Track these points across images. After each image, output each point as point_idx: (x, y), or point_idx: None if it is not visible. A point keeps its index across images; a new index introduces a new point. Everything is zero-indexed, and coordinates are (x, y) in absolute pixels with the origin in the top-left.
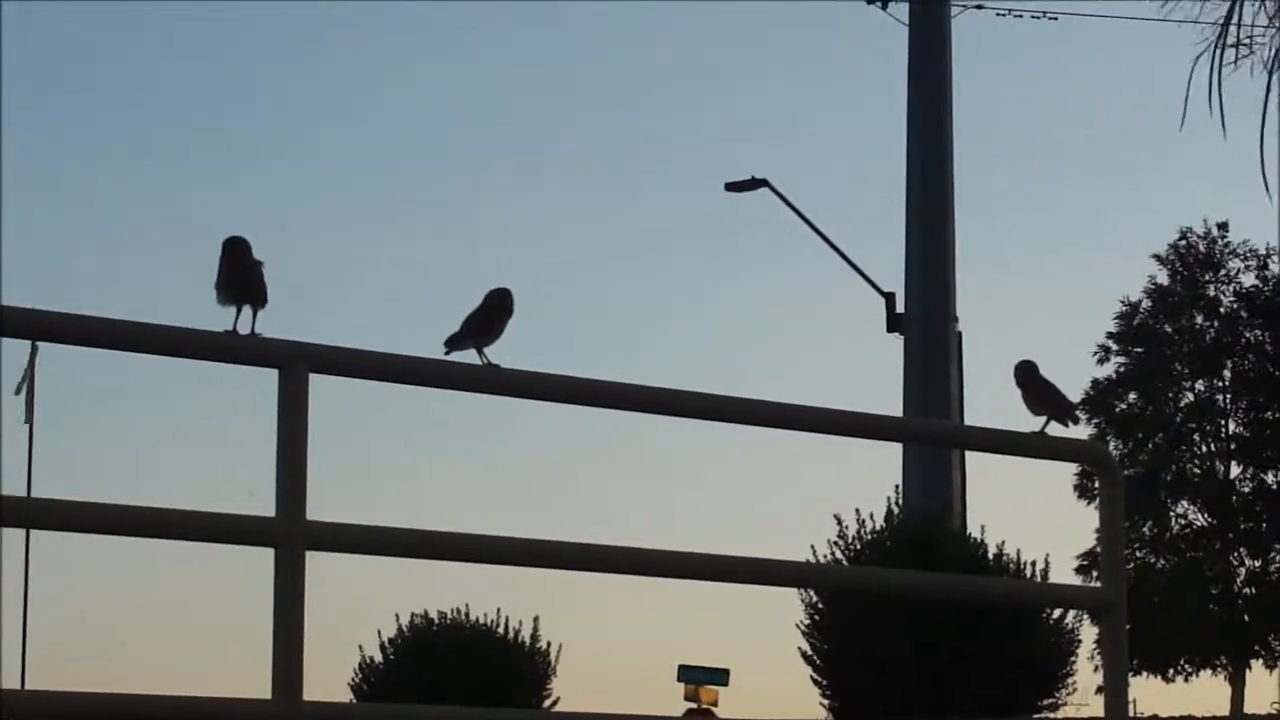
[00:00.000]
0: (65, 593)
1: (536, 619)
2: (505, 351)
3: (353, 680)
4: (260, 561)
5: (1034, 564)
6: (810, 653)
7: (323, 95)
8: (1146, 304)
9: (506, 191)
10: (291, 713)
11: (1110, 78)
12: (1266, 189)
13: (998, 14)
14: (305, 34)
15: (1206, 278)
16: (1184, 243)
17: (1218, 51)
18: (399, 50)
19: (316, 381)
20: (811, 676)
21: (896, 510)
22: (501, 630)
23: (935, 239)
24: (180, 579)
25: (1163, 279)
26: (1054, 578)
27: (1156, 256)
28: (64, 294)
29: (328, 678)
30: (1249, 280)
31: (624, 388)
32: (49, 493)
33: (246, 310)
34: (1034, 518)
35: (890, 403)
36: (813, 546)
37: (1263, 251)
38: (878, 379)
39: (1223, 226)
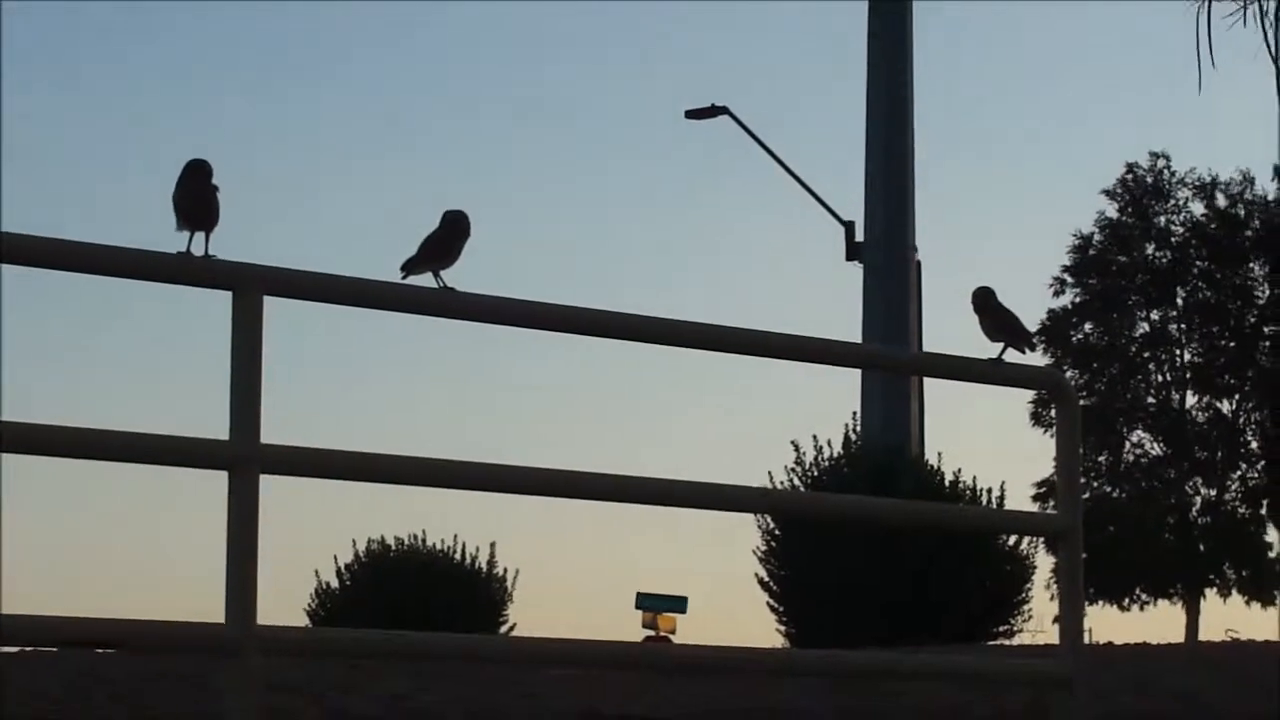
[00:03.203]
0: (15, 516)
1: (493, 545)
2: (461, 275)
3: (309, 606)
4: (215, 485)
5: (990, 491)
6: (767, 579)
7: (287, 24)
8: (1099, 237)
9: (465, 117)
10: (245, 637)
11: (1069, 11)
12: None
13: None
14: None
15: (1156, 207)
16: (1130, 176)
17: (1209, 3)
18: None
19: (272, 305)
20: (768, 603)
21: (854, 437)
22: (458, 556)
23: (895, 168)
24: (134, 503)
25: (1113, 213)
26: (1010, 506)
27: (1106, 192)
28: (17, 214)
29: (284, 603)
30: (1198, 209)
31: (580, 312)
32: None
33: (201, 233)
34: (992, 446)
35: (849, 331)
36: (770, 473)
37: (1207, 180)
38: (837, 307)
39: (1164, 156)
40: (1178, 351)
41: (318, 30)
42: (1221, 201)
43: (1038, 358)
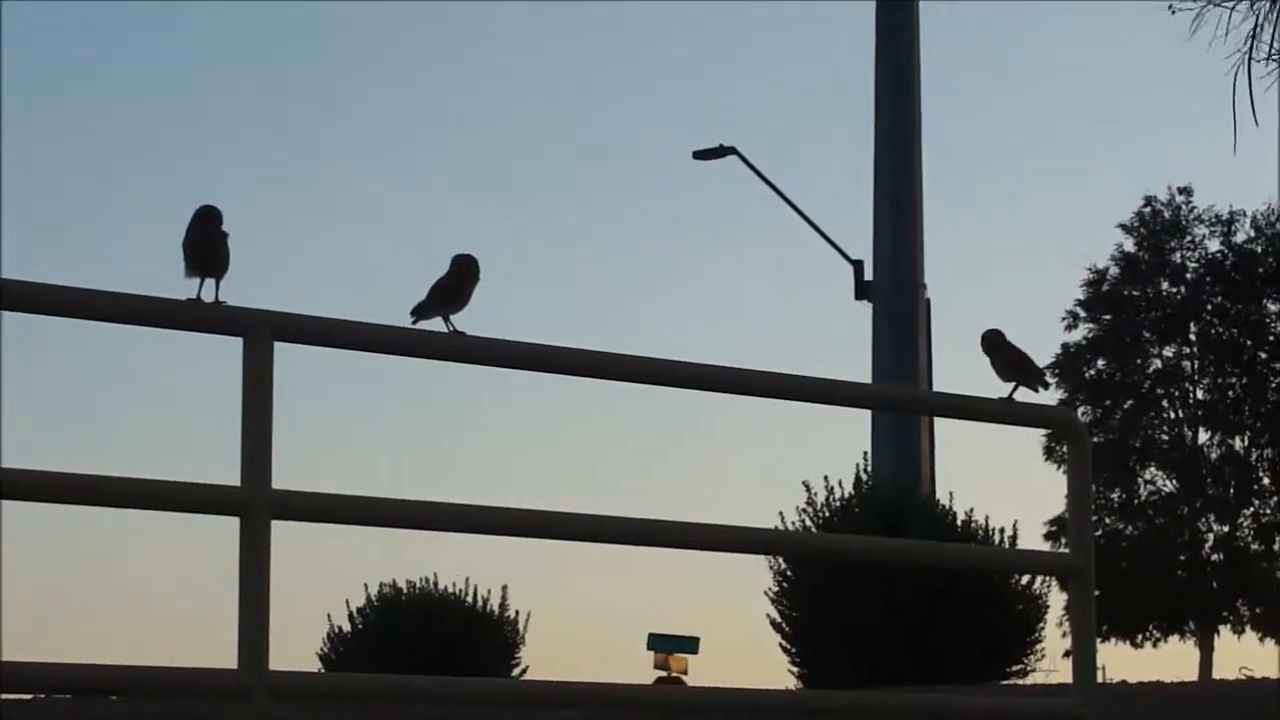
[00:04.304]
0: (27, 563)
1: (505, 588)
2: (470, 319)
3: (321, 650)
4: (226, 531)
5: (1002, 530)
6: (779, 620)
7: (295, 66)
8: (1114, 271)
9: (472, 159)
10: (257, 683)
11: (1080, 41)
12: None
13: None
14: None
15: (1172, 244)
16: (1148, 209)
17: (1249, 61)
18: (361, 12)
19: (282, 350)
20: (780, 644)
21: (865, 477)
22: (470, 599)
23: (903, 206)
24: (145, 548)
25: (1129, 247)
26: (1023, 544)
27: (1122, 225)
28: (27, 262)
29: (296, 647)
30: (1214, 245)
31: (590, 355)
32: (12, 463)
33: (211, 280)
34: (1004, 484)
35: (859, 369)
36: (781, 514)
37: (1226, 216)
38: (846, 347)
39: (1185, 191)
40: (1190, 388)
41: (327, 74)
42: (1241, 236)
43: (1049, 394)
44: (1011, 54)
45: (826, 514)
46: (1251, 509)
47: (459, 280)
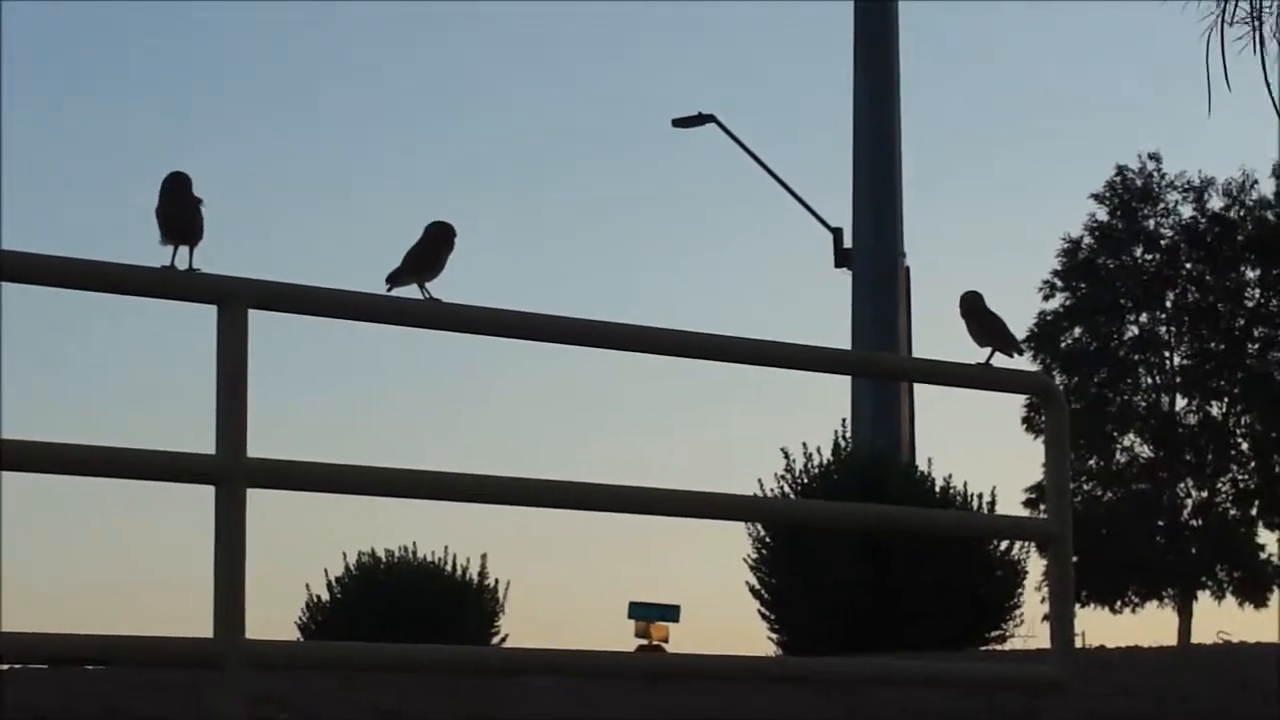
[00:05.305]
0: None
1: (484, 556)
2: (447, 286)
3: (300, 619)
4: (203, 499)
5: (981, 497)
6: (758, 587)
7: (269, 27)
8: (1088, 240)
9: (451, 127)
10: (233, 651)
11: (1058, 13)
12: None
13: None
14: None
15: (1145, 211)
16: (1120, 179)
17: (1222, 25)
18: None
19: (257, 318)
20: (759, 611)
21: (844, 444)
22: (449, 568)
23: (882, 174)
24: (120, 518)
25: (1103, 216)
26: (1001, 511)
27: (1095, 196)
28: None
29: (275, 616)
30: (1188, 212)
31: (568, 322)
32: None
33: (185, 247)
34: (984, 452)
35: (838, 337)
36: (760, 480)
37: (1198, 183)
38: (826, 314)
39: (1155, 158)
40: (1167, 354)
41: (307, 37)
42: (1216, 203)
43: (1026, 362)
44: (991, 20)
45: (805, 481)
46: (1229, 474)
47: (433, 247)
